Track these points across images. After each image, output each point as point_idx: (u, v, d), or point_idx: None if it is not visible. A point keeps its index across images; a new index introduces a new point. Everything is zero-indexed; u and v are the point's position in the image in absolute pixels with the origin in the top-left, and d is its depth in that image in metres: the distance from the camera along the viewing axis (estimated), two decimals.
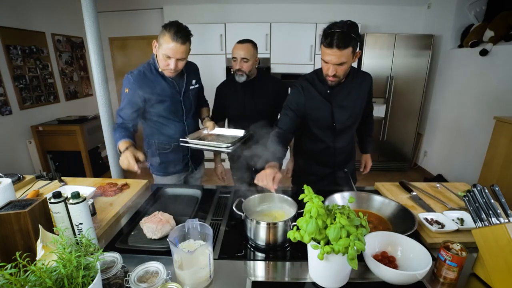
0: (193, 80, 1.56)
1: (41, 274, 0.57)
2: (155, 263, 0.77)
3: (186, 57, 1.36)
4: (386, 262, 0.84)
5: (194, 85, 1.56)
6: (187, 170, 1.69)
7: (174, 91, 1.47)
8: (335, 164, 1.50)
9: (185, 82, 1.50)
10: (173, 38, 1.27)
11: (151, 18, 4.11)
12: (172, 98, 1.46)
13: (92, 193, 1.25)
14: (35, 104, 3.19)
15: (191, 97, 1.55)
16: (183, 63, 1.37)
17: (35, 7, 3.17)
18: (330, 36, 1.12)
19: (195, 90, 1.57)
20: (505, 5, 2.80)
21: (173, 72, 1.37)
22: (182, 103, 1.51)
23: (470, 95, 3.05)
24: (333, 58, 1.16)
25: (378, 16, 3.83)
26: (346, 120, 1.38)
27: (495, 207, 0.82)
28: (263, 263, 0.92)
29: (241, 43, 1.61)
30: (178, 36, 1.27)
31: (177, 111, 1.51)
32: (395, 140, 3.86)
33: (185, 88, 1.50)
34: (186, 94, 1.51)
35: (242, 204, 1.05)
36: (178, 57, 1.32)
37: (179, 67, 1.37)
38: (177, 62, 1.33)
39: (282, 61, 3.61)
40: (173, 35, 1.26)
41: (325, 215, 0.77)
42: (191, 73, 1.55)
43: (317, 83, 1.35)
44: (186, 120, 1.55)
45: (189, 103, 1.54)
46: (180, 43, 1.28)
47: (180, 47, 1.29)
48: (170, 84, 1.45)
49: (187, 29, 1.32)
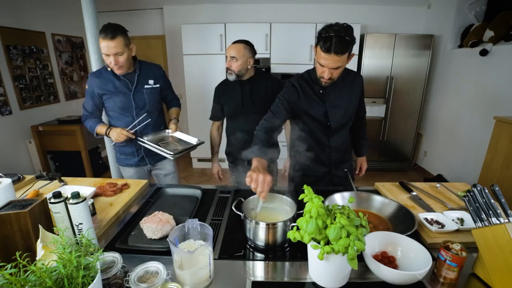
0: (150, 80, 1.65)
1: (41, 274, 0.57)
2: (155, 263, 0.77)
3: (122, 51, 1.45)
4: (386, 262, 0.84)
5: (150, 85, 1.65)
6: (145, 165, 1.80)
7: (125, 88, 1.59)
8: (331, 162, 1.51)
9: (136, 80, 1.60)
10: (103, 37, 1.40)
11: (151, 18, 4.11)
12: (122, 94, 1.60)
13: (92, 193, 1.25)
14: (35, 104, 3.19)
15: (145, 96, 1.64)
16: (124, 58, 1.47)
17: (35, 7, 3.17)
18: (329, 41, 1.12)
19: (151, 90, 1.66)
20: (505, 5, 2.80)
21: (118, 67, 1.49)
22: (133, 99, 1.61)
23: (470, 95, 3.05)
24: (330, 63, 1.17)
25: (378, 16, 3.83)
26: (341, 119, 1.40)
27: (495, 207, 0.82)
28: (263, 263, 0.92)
29: (234, 43, 1.64)
30: (106, 33, 1.39)
31: (128, 107, 1.62)
32: (395, 140, 3.86)
33: (137, 86, 1.61)
34: (138, 92, 1.62)
35: (242, 204, 1.05)
36: (113, 53, 1.42)
37: (121, 62, 1.47)
38: (116, 57, 1.45)
39: (282, 61, 3.61)
40: (102, 34, 1.40)
41: (325, 215, 0.77)
42: (147, 73, 1.65)
43: (311, 83, 1.38)
44: (137, 116, 1.64)
45: (141, 101, 1.64)
46: (109, 39, 1.39)
47: (110, 42, 1.40)
48: (122, 81, 1.58)
49: (115, 25, 1.43)
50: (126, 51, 1.47)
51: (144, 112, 1.65)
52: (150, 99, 1.66)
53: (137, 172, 1.81)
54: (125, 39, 1.46)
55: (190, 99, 3.82)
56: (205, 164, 4.17)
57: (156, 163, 1.82)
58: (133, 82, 1.60)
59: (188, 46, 3.61)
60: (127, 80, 1.59)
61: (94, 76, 1.61)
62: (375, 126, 3.77)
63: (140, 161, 1.77)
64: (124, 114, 1.65)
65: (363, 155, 1.69)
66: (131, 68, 1.60)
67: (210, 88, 1.89)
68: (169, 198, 1.36)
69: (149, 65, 1.69)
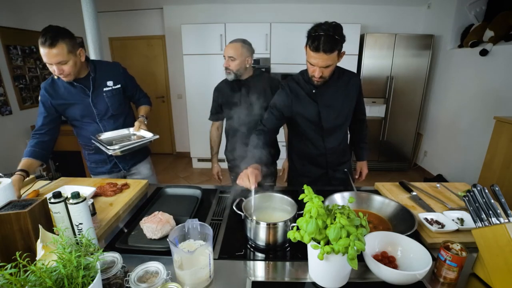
0: (108, 81, 1.51)
1: (41, 274, 0.57)
2: (155, 263, 0.77)
3: (66, 59, 1.27)
4: (386, 262, 0.84)
5: (109, 86, 1.52)
6: (119, 171, 1.68)
7: (82, 95, 1.45)
8: (327, 164, 1.50)
9: (91, 84, 1.46)
10: (41, 43, 1.21)
11: (151, 18, 4.11)
12: (81, 101, 1.46)
13: (92, 193, 1.25)
14: (35, 104, 3.19)
15: (106, 99, 1.51)
16: (69, 66, 1.30)
17: (35, 7, 3.18)
18: (317, 40, 1.13)
19: (112, 92, 1.53)
20: (505, 5, 2.80)
21: (64, 76, 1.32)
22: (93, 105, 1.48)
23: (470, 95, 3.05)
24: (320, 61, 1.18)
25: (378, 16, 3.84)
26: (334, 119, 1.39)
27: (495, 207, 0.82)
28: (263, 263, 0.92)
29: (231, 42, 1.64)
30: (45, 39, 1.20)
31: (90, 113, 1.50)
32: (395, 140, 3.86)
33: (94, 91, 1.47)
34: (97, 97, 1.49)
35: (242, 204, 1.05)
36: (55, 62, 1.25)
37: (66, 71, 1.30)
38: (59, 66, 1.27)
39: (282, 61, 3.62)
40: (41, 39, 1.21)
41: (325, 215, 0.77)
42: (104, 74, 1.51)
43: (303, 84, 1.38)
44: (101, 121, 1.54)
45: (102, 105, 1.51)
46: (48, 46, 1.21)
47: (50, 51, 1.22)
48: (78, 88, 1.44)
49: (56, 29, 1.24)
50: (72, 58, 1.29)
51: (108, 117, 1.54)
52: (113, 102, 1.53)
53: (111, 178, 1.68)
54: (69, 45, 1.26)
55: (190, 99, 3.82)
56: (205, 164, 4.18)
57: (130, 168, 1.71)
58: (89, 87, 1.45)
59: (188, 46, 3.61)
60: (82, 85, 1.43)
61: (46, 86, 1.43)
62: (375, 126, 3.77)
63: (113, 168, 1.66)
64: (87, 122, 1.53)
65: (363, 159, 1.66)
66: (84, 73, 1.44)
67: (210, 88, 1.89)
68: (169, 198, 1.36)
69: (105, 65, 1.54)
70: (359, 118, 1.56)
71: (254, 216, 1.02)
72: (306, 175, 1.55)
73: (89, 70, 1.46)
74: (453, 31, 3.32)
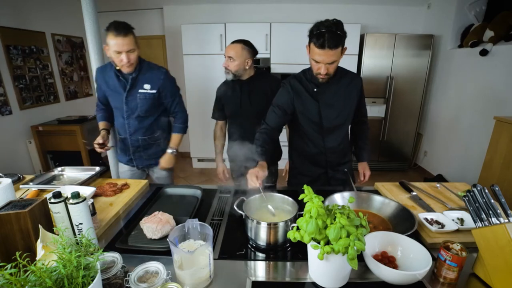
0: (146, 84, 1.56)
1: (41, 274, 0.57)
2: (155, 263, 0.77)
3: (134, 48, 1.45)
4: (386, 262, 0.84)
5: (146, 89, 1.57)
6: (132, 166, 1.78)
7: (120, 89, 1.57)
8: (327, 164, 1.50)
9: (130, 82, 1.54)
10: (115, 34, 1.39)
11: (151, 18, 4.11)
12: (118, 94, 1.58)
13: (92, 193, 1.25)
14: (35, 104, 3.19)
15: (138, 100, 1.57)
16: (135, 55, 1.47)
17: (35, 7, 3.17)
18: (322, 37, 1.15)
19: (146, 95, 1.57)
20: (505, 5, 2.80)
21: (129, 65, 1.47)
22: (124, 101, 1.58)
23: (470, 95, 3.05)
24: (326, 58, 1.19)
25: (378, 16, 3.83)
26: (334, 119, 1.39)
27: (495, 207, 0.82)
28: (263, 263, 0.92)
29: (232, 43, 1.63)
30: (119, 31, 1.39)
31: (120, 108, 1.61)
32: (395, 140, 3.86)
33: (131, 90, 1.56)
34: (131, 95, 1.57)
35: (243, 204, 1.05)
36: (126, 50, 1.42)
37: (133, 59, 1.47)
38: (128, 55, 1.44)
39: (282, 61, 3.62)
40: (114, 31, 1.39)
41: (325, 215, 0.77)
42: (145, 77, 1.56)
43: (305, 82, 1.39)
44: (128, 119, 1.62)
45: (133, 104, 1.58)
46: (123, 36, 1.39)
47: (123, 39, 1.40)
48: (120, 81, 1.56)
49: (125, 23, 1.43)
50: (137, 49, 1.48)
51: (135, 117, 1.61)
52: (143, 105, 1.58)
53: (130, 169, 1.80)
54: (135, 37, 1.46)
55: (190, 99, 3.82)
56: (205, 164, 4.17)
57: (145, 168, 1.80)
58: (128, 84, 1.55)
59: (188, 46, 3.61)
60: (125, 80, 1.55)
61: (99, 70, 1.65)
62: (375, 126, 3.77)
63: (129, 162, 1.77)
64: (117, 114, 1.66)
65: (363, 161, 1.64)
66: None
67: (210, 88, 1.90)
68: (169, 198, 1.36)
69: (150, 67, 1.59)
70: (361, 120, 1.56)
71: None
72: (305, 174, 1.55)
73: (136, 68, 1.54)
74: (453, 31, 3.32)
